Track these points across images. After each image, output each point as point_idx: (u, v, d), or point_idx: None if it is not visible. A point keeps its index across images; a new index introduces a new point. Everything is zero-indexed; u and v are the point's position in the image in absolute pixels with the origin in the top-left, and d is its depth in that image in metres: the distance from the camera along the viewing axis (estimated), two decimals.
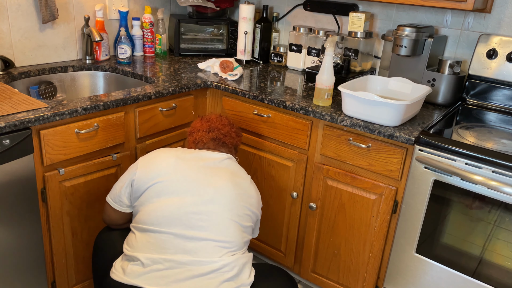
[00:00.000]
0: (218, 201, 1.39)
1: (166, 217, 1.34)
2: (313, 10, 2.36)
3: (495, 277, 1.49)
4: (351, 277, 1.87)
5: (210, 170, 1.45)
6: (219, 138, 1.59)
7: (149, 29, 2.40)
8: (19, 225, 1.53)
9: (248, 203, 1.46)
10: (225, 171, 1.47)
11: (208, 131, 1.59)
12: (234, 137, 1.64)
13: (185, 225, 1.34)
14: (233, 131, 1.65)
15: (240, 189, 1.45)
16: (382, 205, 1.69)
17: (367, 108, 1.62)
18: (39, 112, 1.49)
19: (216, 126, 1.61)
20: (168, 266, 1.30)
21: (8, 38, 1.95)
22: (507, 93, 1.85)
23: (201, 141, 1.59)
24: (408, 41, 1.83)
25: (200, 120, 1.65)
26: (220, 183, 1.42)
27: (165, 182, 1.40)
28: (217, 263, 1.31)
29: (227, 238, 1.35)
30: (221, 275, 1.30)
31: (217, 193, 1.40)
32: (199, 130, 1.61)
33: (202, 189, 1.40)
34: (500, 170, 1.40)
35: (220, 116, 1.67)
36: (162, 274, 1.29)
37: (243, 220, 1.42)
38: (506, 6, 1.84)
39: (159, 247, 1.33)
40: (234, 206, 1.40)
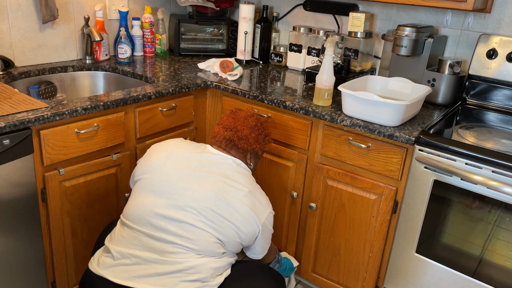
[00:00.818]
0: (190, 210, 1.34)
1: (139, 215, 1.37)
2: (313, 10, 2.36)
3: (495, 277, 1.49)
4: (351, 277, 1.87)
5: (198, 175, 1.39)
6: (232, 140, 1.50)
7: (149, 29, 2.40)
8: (19, 225, 1.53)
9: (228, 215, 1.36)
10: (216, 178, 1.40)
11: (226, 128, 1.52)
12: (252, 143, 1.53)
13: (154, 226, 1.35)
14: (253, 136, 1.53)
15: (222, 200, 1.36)
16: (382, 205, 1.69)
17: (367, 108, 1.62)
18: (39, 112, 1.49)
19: (235, 126, 1.52)
20: (135, 262, 1.33)
21: (8, 38, 1.95)
22: (507, 93, 1.85)
23: (215, 137, 1.53)
24: (408, 41, 1.83)
25: (228, 115, 1.58)
26: (199, 193, 1.36)
27: (148, 179, 1.42)
28: (182, 264, 1.31)
29: (195, 247, 1.34)
30: (185, 275, 1.31)
31: (191, 201, 1.35)
32: (220, 124, 1.55)
33: (178, 194, 1.36)
34: (500, 170, 1.40)
35: (251, 116, 1.57)
36: (128, 269, 1.33)
37: (221, 232, 1.36)
38: (506, 6, 1.84)
39: (130, 242, 1.36)
40: (207, 218, 1.34)
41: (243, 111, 1.60)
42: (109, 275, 1.33)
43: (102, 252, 1.42)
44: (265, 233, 1.48)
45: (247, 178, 1.46)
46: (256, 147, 1.54)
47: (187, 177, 1.39)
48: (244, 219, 1.38)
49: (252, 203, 1.41)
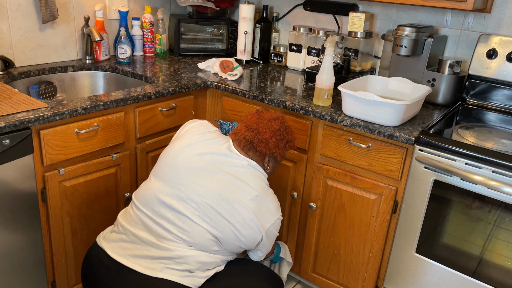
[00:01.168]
0: (191, 203, 1.36)
1: (145, 197, 1.43)
2: (313, 10, 2.36)
3: (495, 277, 1.49)
4: (351, 277, 1.87)
5: (207, 171, 1.40)
6: (252, 141, 1.46)
7: (149, 29, 2.40)
8: (19, 225, 1.53)
9: (229, 216, 1.36)
10: (225, 177, 1.39)
11: (248, 128, 1.48)
12: (271, 148, 1.47)
13: (155, 211, 1.40)
14: (273, 141, 1.47)
15: (225, 199, 1.36)
16: (382, 205, 1.69)
17: (367, 108, 1.62)
18: (39, 112, 1.49)
19: (257, 128, 1.47)
20: (132, 240, 1.40)
21: (8, 38, 1.95)
22: (507, 93, 1.85)
23: (236, 134, 1.49)
24: (408, 41, 1.83)
25: (254, 114, 1.53)
26: (204, 188, 1.37)
27: (162, 164, 1.47)
28: (172, 252, 1.35)
29: (189, 239, 1.36)
30: (173, 264, 1.35)
31: (194, 194, 1.36)
32: (244, 122, 1.51)
33: (183, 185, 1.38)
34: (500, 170, 1.40)
35: (276, 119, 1.51)
36: (125, 245, 1.40)
37: (219, 231, 1.36)
38: (506, 6, 1.84)
39: (133, 220, 1.43)
40: (206, 215, 1.36)
41: (269, 112, 1.54)
42: (108, 248, 1.41)
43: (111, 227, 1.50)
44: (270, 238, 1.47)
45: (259, 182, 1.43)
46: (276, 152, 1.49)
47: (196, 170, 1.40)
48: (245, 222, 1.37)
49: (258, 207, 1.39)
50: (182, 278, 1.34)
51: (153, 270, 1.34)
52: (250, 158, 1.47)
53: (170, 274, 1.34)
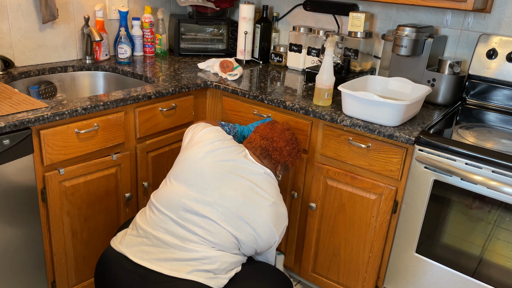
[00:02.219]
0: (217, 208, 1.41)
1: (169, 201, 1.44)
2: (313, 10, 2.36)
3: (495, 277, 1.49)
4: (351, 277, 1.87)
5: (230, 177, 1.45)
6: (267, 149, 1.55)
7: (149, 29, 2.40)
8: (19, 225, 1.53)
9: (251, 220, 1.42)
10: (246, 183, 1.45)
11: (263, 137, 1.57)
12: (285, 156, 1.58)
13: (180, 215, 1.41)
14: (287, 149, 1.58)
15: (248, 205, 1.42)
16: (382, 205, 1.69)
17: (367, 108, 1.62)
18: (39, 112, 1.49)
19: (272, 137, 1.57)
20: (155, 243, 1.40)
21: (8, 38, 1.95)
22: (507, 93, 1.85)
23: (251, 142, 1.58)
24: (408, 41, 1.83)
25: (266, 125, 1.63)
26: (229, 193, 1.42)
27: (185, 168, 1.48)
28: (198, 253, 1.37)
29: (214, 240, 1.40)
30: (200, 265, 1.36)
31: (220, 199, 1.41)
32: (257, 133, 1.60)
33: (209, 190, 1.42)
34: (500, 170, 1.40)
35: (287, 130, 1.62)
36: (147, 249, 1.39)
37: (240, 234, 1.41)
38: (506, 6, 1.84)
39: (156, 223, 1.43)
40: (231, 219, 1.40)
41: (280, 124, 1.65)
42: (129, 253, 1.39)
43: (126, 231, 1.49)
44: (279, 242, 1.53)
45: (274, 189, 1.51)
46: (288, 160, 1.60)
47: (220, 176, 1.44)
48: (264, 227, 1.44)
49: (275, 213, 1.47)
50: (208, 279, 1.35)
51: (180, 272, 1.34)
52: (265, 166, 1.55)
53: (197, 276, 1.35)
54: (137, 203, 1.95)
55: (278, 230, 1.48)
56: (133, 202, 1.92)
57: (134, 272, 1.36)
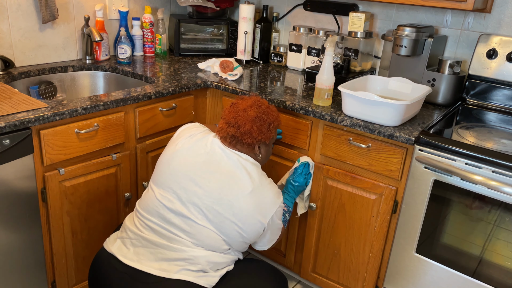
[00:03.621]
0: (194, 207, 1.38)
1: (149, 206, 1.44)
2: (313, 10, 2.36)
3: (495, 277, 1.49)
4: (351, 277, 1.87)
5: (203, 173, 1.40)
6: (236, 136, 1.45)
7: (149, 29, 2.40)
8: (19, 225, 1.53)
9: (230, 215, 1.37)
10: (221, 175, 1.40)
11: (228, 125, 1.46)
12: (256, 136, 1.45)
13: (161, 218, 1.41)
14: (255, 129, 1.45)
15: (225, 198, 1.37)
16: (382, 205, 1.69)
17: (367, 108, 1.62)
18: (39, 112, 1.49)
19: (236, 122, 1.45)
20: (144, 244, 1.41)
21: (8, 38, 1.95)
22: (507, 93, 1.85)
23: (220, 132, 1.48)
24: (408, 41, 1.83)
25: (230, 108, 1.51)
26: (203, 191, 1.38)
27: (159, 171, 1.47)
28: (186, 253, 1.37)
29: (198, 242, 1.39)
30: (188, 265, 1.37)
31: (195, 198, 1.38)
32: (224, 119, 1.49)
33: (183, 189, 1.39)
34: (500, 170, 1.40)
35: (251, 106, 1.48)
36: (137, 251, 1.41)
37: (222, 231, 1.38)
38: (506, 6, 1.84)
39: (141, 226, 1.44)
40: (211, 214, 1.37)
41: (244, 99, 1.51)
42: (119, 254, 1.40)
43: (117, 233, 1.49)
44: (272, 228, 1.48)
45: (253, 174, 1.43)
46: (262, 138, 1.47)
47: (193, 174, 1.41)
48: (246, 219, 1.39)
49: (256, 201, 1.40)
50: (197, 278, 1.35)
51: (169, 272, 1.35)
52: (240, 151, 1.47)
53: (186, 275, 1.35)
54: None
55: (265, 217, 1.41)
56: (133, 202, 1.92)
57: (125, 272, 1.36)
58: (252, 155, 1.50)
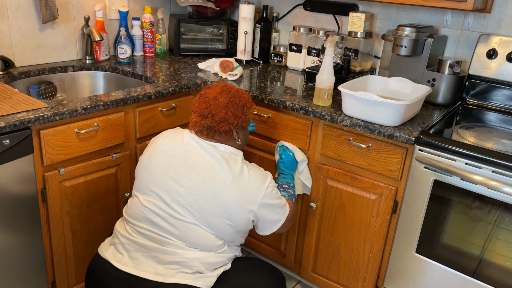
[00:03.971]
0: (178, 204, 1.37)
1: (136, 212, 1.43)
2: (313, 10, 2.36)
3: (495, 277, 1.49)
4: (351, 277, 1.87)
5: (185, 169, 1.38)
6: (212, 127, 1.43)
7: (149, 29, 2.40)
8: (19, 225, 1.53)
9: (215, 207, 1.36)
10: (200, 170, 1.38)
11: (202, 116, 1.43)
12: (232, 122, 1.44)
13: (150, 223, 1.39)
14: (230, 115, 1.43)
15: (207, 192, 1.36)
16: (382, 205, 1.69)
17: (367, 108, 1.62)
18: (39, 112, 1.49)
19: (210, 112, 1.42)
20: (137, 248, 1.39)
21: (8, 38, 1.95)
22: (507, 93, 1.85)
23: (195, 126, 1.46)
24: (408, 41, 1.83)
25: (199, 98, 1.48)
26: (187, 186, 1.37)
27: (139, 178, 1.46)
28: (180, 256, 1.36)
29: (189, 242, 1.37)
30: (182, 267, 1.36)
31: (179, 196, 1.37)
32: (196, 112, 1.46)
33: (165, 190, 1.38)
34: (500, 170, 1.40)
35: (220, 93, 1.46)
36: (131, 255, 1.39)
37: (213, 225, 1.37)
38: (506, 6, 1.84)
39: (133, 231, 1.42)
40: (196, 210, 1.36)
41: (211, 88, 1.49)
42: (113, 260, 1.39)
43: (110, 238, 1.48)
44: (269, 209, 1.45)
45: (232, 163, 1.40)
46: (239, 122, 1.46)
47: (172, 173, 1.39)
48: (232, 208, 1.37)
49: (240, 189, 1.38)
50: (194, 280, 1.34)
51: (165, 276, 1.34)
52: (218, 142, 1.45)
53: (182, 278, 1.34)
54: None
55: (252, 203, 1.38)
56: None
57: (120, 278, 1.35)
58: (231, 142, 1.48)
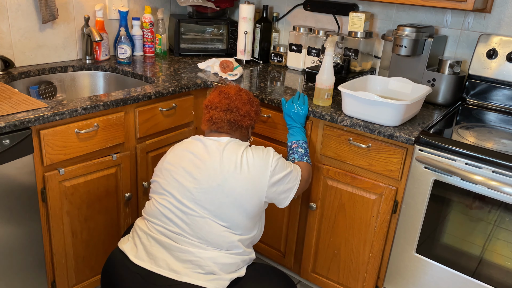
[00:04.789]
0: (190, 200, 1.39)
1: (153, 211, 1.44)
2: (313, 10, 2.36)
3: (495, 277, 1.49)
4: (351, 277, 1.87)
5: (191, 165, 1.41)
6: (237, 121, 1.46)
7: (149, 29, 2.40)
8: (19, 225, 1.53)
9: (225, 196, 1.37)
10: (205, 163, 1.40)
11: (226, 110, 1.46)
12: (253, 117, 1.50)
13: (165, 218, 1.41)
14: (253, 110, 1.50)
15: (214, 185, 1.38)
16: (382, 205, 1.69)
17: (367, 108, 1.62)
18: (39, 112, 1.49)
19: (235, 106, 1.46)
20: (154, 244, 1.40)
21: (8, 38, 1.95)
22: (507, 93, 1.85)
23: (216, 123, 1.47)
24: (408, 41, 1.83)
25: (219, 94, 1.50)
26: (195, 181, 1.39)
27: (154, 183, 1.49)
28: (193, 255, 1.37)
29: (203, 239, 1.38)
30: (197, 267, 1.36)
31: (188, 191, 1.39)
32: (216, 108, 1.47)
33: (176, 188, 1.41)
34: (500, 170, 1.40)
35: (240, 90, 1.52)
36: (149, 251, 1.40)
37: (224, 216, 1.38)
38: (506, 6, 1.84)
39: (151, 227, 1.44)
40: (208, 204, 1.38)
41: (229, 87, 1.54)
42: (131, 254, 1.40)
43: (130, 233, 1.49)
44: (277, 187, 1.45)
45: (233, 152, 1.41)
46: (257, 119, 1.54)
47: (182, 171, 1.42)
48: (241, 195, 1.39)
49: (245, 176, 1.39)
50: (207, 282, 1.34)
51: (179, 273, 1.34)
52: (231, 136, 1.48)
53: (196, 278, 1.34)
54: (137, 203, 1.95)
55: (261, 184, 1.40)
56: (133, 202, 1.92)
57: (137, 273, 1.36)
58: (244, 138, 1.52)
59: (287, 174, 1.47)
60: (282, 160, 1.49)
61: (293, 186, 1.50)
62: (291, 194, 1.50)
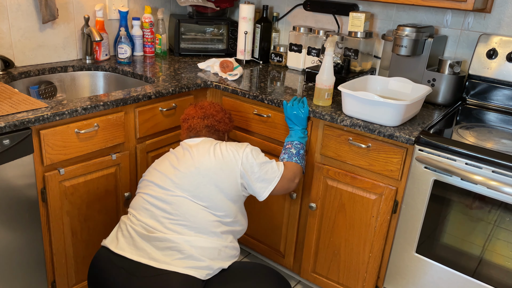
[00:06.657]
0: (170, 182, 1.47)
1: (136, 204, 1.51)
2: (313, 10, 2.36)
3: (495, 277, 1.49)
4: (351, 277, 1.87)
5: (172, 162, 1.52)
6: (213, 125, 1.63)
7: (149, 29, 2.40)
8: (19, 225, 1.53)
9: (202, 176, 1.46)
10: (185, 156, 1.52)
11: (203, 117, 1.63)
12: (228, 123, 1.69)
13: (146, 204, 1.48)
14: (226, 117, 1.70)
15: (191, 168, 1.48)
16: (382, 205, 1.69)
17: (367, 108, 1.62)
18: (39, 112, 1.49)
19: (210, 113, 1.64)
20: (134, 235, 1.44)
21: (8, 38, 1.95)
22: (507, 93, 1.85)
23: (194, 129, 1.62)
24: (408, 41, 1.83)
25: (194, 107, 1.68)
26: (175, 170, 1.49)
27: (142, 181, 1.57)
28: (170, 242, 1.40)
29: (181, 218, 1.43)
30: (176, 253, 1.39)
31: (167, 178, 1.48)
32: (194, 117, 1.64)
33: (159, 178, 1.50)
34: (500, 170, 1.40)
35: (212, 103, 1.70)
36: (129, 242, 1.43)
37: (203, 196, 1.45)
38: (506, 6, 1.84)
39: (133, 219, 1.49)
40: (186, 185, 1.46)
41: (203, 100, 1.74)
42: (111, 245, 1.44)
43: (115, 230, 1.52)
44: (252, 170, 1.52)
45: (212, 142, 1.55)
46: (230, 127, 1.72)
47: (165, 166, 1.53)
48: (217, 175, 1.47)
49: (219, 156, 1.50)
50: (187, 269, 1.36)
51: (157, 261, 1.37)
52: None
53: (175, 265, 1.37)
54: None
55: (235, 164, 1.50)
56: None
57: (121, 267, 1.38)
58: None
59: (264, 162, 1.55)
60: (259, 151, 1.58)
61: (271, 178, 1.56)
62: (270, 186, 1.56)
